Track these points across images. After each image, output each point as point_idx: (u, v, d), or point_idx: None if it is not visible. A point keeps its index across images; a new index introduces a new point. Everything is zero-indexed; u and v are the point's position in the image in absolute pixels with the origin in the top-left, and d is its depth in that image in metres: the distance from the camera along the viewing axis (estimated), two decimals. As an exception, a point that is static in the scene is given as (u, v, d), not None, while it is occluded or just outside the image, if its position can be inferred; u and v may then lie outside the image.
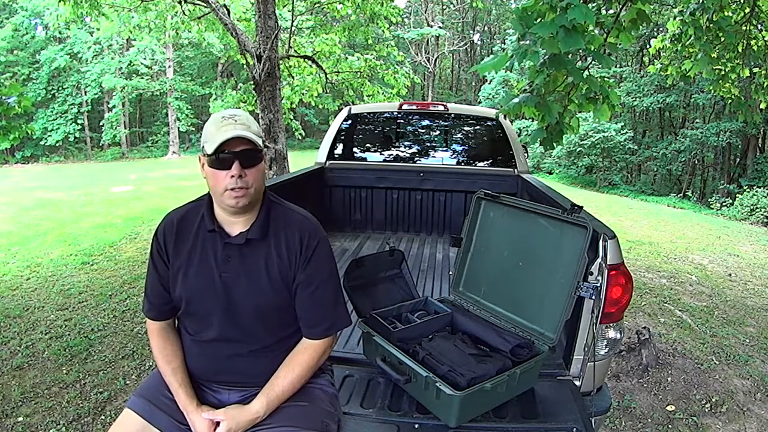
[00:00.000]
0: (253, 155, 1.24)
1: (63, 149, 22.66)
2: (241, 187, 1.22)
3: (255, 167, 1.24)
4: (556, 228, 1.79)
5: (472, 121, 4.11)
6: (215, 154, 1.21)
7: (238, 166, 1.21)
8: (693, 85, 15.51)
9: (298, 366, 1.30)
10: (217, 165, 1.22)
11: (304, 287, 1.30)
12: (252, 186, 1.24)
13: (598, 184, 18.46)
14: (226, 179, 1.22)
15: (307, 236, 1.31)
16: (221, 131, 1.21)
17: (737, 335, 3.83)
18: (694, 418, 2.69)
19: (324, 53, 7.74)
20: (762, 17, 4.70)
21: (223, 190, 1.23)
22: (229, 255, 1.29)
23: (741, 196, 13.01)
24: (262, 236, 1.29)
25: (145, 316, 1.38)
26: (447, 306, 1.99)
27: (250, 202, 1.26)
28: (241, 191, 1.22)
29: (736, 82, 5.06)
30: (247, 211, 1.29)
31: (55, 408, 2.59)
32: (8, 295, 4.29)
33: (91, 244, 6.00)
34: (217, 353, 1.32)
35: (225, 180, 1.22)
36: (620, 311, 1.72)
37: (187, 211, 1.36)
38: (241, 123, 1.23)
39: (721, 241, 7.72)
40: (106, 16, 7.08)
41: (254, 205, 1.30)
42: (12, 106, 3.96)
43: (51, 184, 12.29)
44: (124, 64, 21.86)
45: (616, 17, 2.92)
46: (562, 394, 1.67)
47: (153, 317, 1.36)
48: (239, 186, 1.22)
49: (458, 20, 32.80)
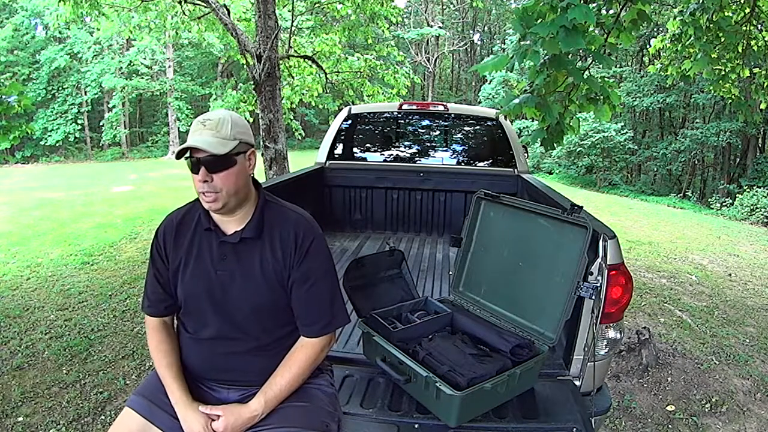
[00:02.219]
0: (218, 161, 1.21)
1: (63, 149, 22.63)
2: (210, 191, 1.23)
3: (224, 172, 1.22)
4: (556, 228, 1.79)
5: (472, 121, 4.11)
6: (186, 158, 1.24)
7: (204, 171, 1.22)
8: (693, 85, 15.50)
9: (296, 365, 1.30)
10: (190, 167, 1.25)
11: (299, 285, 1.30)
12: (222, 190, 1.23)
13: (598, 184, 18.46)
14: (198, 182, 1.24)
15: (302, 234, 1.30)
16: (190, 137, 1.23)
17: (737, 335, 3.83)
18: (694, 418, 2.69)
19: (324, 53, 7.74)
20: (762, 17, 4.70)
21: (198, 193, 1.27)
22: (224, 253, 1.30)
23: (741, 196, 13.01)
24: (256, 235, 1.30)
25: (144, 313, 1.39)
26: (447, 306, 1.99)
27: (225, 204, 1.25)
28: (210, 195, 1.24)
29: (736, 82, 5.06)
30: (230, 211, 1.29)
31: (55, 408, 2.59)
32: (8, 295, 4.29)
33: (91, 244, 6.00)
34: (215, 351, 1.32)
35: (198, 183, 1.24)
36: (620, 311, 1.72)
37: (187, 210, 1.38)
38: (210, 128, 1.21)
39: (721, 241, 7.72)
40: (106, 16, 7.08)
41: (237, 206, 1.29)
42: (12, 105, 3.95)
43: (51, 184, 12.29)
44: (124, 64, 21.84)
45: (616, 17, 2.92)
46: (562, 394, 1.67)
47: (151, 314, 1.38)
48: (208, 190, 1.23)
49: (458, 20, 32.80)
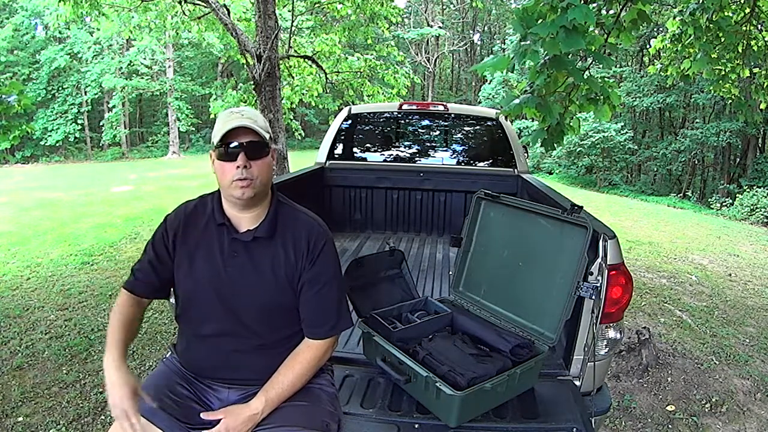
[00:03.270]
0: (258, 147, 1.26)
1: (63, 149, 22.64)
2: (246, 178, 1.24)
3: (261, 159, 1.27)
4: (556, 228, 1.79)
5: (472, 121, 4.11)
6: (222, 146, 1.25)
7: (243, 157, 1.24)
8: (693, 85, 15.49)
9: (299, 365, 1.31)
10: (224, 157, 1.25)
11: (309, 287, 1.31)
12: (257, 178, 1.26)
13: (598, 184, 18.46)
14: (232, 170, 1.24)
15: (315, 237, 1.33)
16: (228, 123, 1.25)
17: (737, 335, 3.83)
18: (694, 418, 2.69)
19: (324, 53, 7.74)
20: (762, 17, 4.70)
21: (229, 182, 1.25)
22: (235, 250, 1.31)
23: (741, 196, 13.00)
24: (269, 235, 1.31)
25: (123, 288, 1.35)
26: (447, 306, 1.99)
27: (256, 194, 1.27)
28: (246, 182, 1.24)
29: (736, 83, 5.06)
30: (254, 204, 1.30)
31: (55, 408, 2.59)
32: (8, 295, 4.29)
33: (91, 244, 6.00)
34: (218, 348, 1.32)
35: (231, 171, 1.24)
36: (620, 311, 1.72)
37: (198, 204, 1.38)
38: (248, 117, 1.27)
39: (721, 241, 7.72)
40: (106, 16, 7.09)
41: (260, 199, 1.31)
42: (12, 105, 3.95)
43: (51, 184, 12.29)
44: (124, 64, 21.85)
45: (616, 18, 2.93)
46: (562, 394, 1.67)
47: (129, 289, 1.34)
48: (244, 177, 1.24)
49: (458, 20, 32.80)
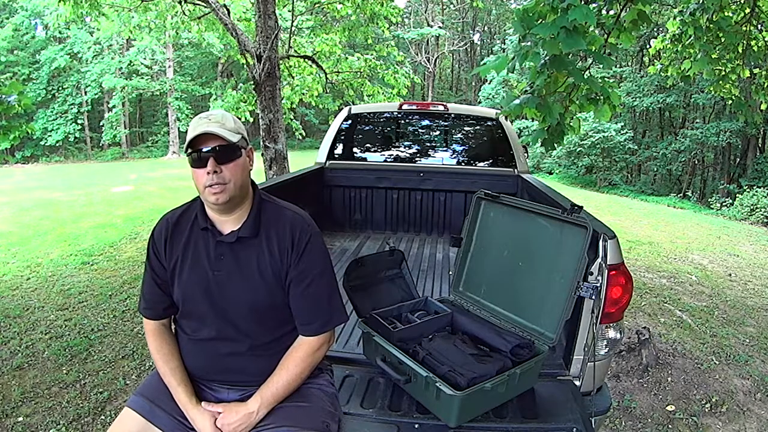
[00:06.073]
0: (228, 151, 1.24)
1: (63, 149, 22.65)
2: (218, 183, 1.23)
3: (232, 162, 1.25)
4: (556, 228, 1.79)
5: (472, 121, 4.11)
6: (191, 153, 1.24)
7: (213, 162, 1.23)
8: (693, 85, 15.51)
9: (294, 364, 1.30)
10: (195, 163, 1.25)
11: (297, 283, 1.30)
12: (230, 181, 1.24)
13: (598, 184, 18.46)
14: (203, 176, 1.24)
15: (299, 232, 1.31)
16: (195, 130, 1.24)
17: (737, 335, 3.83)
18: (694, 418, 2.69)
19: (324, 53, 7.74)
20: (762, 17, 4.70)
21: (203, 188, 1.25)
22: (221, 253, 1.30)
23: (741, 196, 13.00)
24: (253, 234, 1.30)
25: (142, 315, 1.39)
26: (447, 306, 1.99)
27: (231, 198, 1.26)
28: (218, 187, 1.23)
29: (736, 83, 5.06)
30: (232, 208, 1.29)
31: (55, 408, 2.59)
32: (8, 295, 4.29)
33: (91, 244, 6.00)
34: (214, 352, 1.32)
35: (203, 177, 1.24)
36: (620, 311, 1.72)
37: (183, 211, 1.37)
38: (215, 121, 1.25)
39: (721, 241, 7.71)
40: (106, 16, 7.08)
41: (238, 203, 1.30)
42: (12, 105, 3.94)
43: (51, 184, 12.28)
44: (124, 64, 21.87)
45: (616, 18, 2.93)
46: (562, 394, 1.67)
47: (149, 316, 1.37)
48: (216, 182, 1.23)
49: (458, 20, 32.80)
